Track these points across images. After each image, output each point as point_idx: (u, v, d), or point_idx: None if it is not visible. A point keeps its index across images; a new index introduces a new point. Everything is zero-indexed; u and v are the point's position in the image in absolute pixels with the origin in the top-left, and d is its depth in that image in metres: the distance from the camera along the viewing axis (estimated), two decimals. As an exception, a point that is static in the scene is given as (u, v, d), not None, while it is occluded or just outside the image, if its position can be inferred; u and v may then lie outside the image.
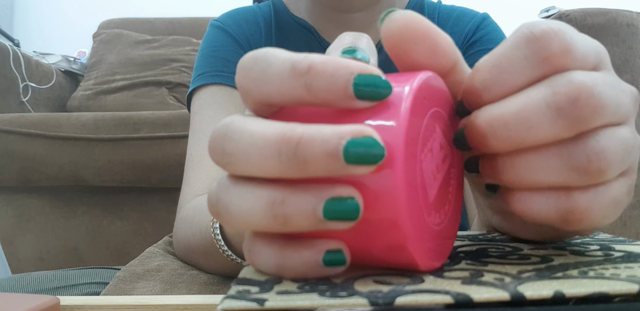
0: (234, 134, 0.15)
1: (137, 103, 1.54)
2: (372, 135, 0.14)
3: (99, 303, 0.24)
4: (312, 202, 0.15)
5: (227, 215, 0.16)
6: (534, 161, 0.16)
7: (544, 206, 0.17)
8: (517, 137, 0.16)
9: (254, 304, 0.14)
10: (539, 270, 0.17)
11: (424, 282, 0.16)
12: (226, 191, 0.16)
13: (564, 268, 0.17)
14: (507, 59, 0.17)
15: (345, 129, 0.14)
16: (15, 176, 1.09)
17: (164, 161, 1.06)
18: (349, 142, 0.14)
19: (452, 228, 0.19)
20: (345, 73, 0.15)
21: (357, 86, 0.15)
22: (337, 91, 0.15)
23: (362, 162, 0.14)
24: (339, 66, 0.15)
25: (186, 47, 1.67)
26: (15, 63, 1.43)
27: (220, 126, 0.16)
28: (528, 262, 0.18)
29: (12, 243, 1.14)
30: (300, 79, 0.15)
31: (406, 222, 0.15)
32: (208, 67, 0.56)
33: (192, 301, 0.24)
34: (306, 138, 0.14)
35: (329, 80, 0.15)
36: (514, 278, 0.16)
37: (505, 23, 0.61)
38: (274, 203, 0.15)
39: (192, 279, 0.42)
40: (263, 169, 0.15)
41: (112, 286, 0.41)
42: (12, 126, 1.08)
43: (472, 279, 0.16)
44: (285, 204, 0.15)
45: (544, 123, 0.16)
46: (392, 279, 0.16)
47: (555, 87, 0.16)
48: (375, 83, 0.15)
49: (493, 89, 0.17)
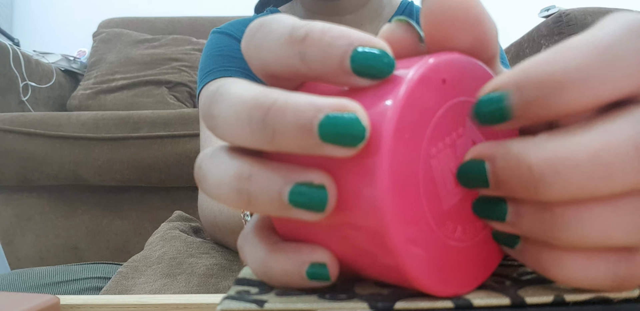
0: (219, 97, 0.14)
1: (137, 102, 1.54)
2: (355, 112, 0.12)
3: (99, 302, 0.24)
4: (279, 183, 0.13)
5: (203, 183, 0.15)
6: (607, 215, 0.12)
7: (600, 273, 0.13)
8: (589, 186, 0.12)
9: (253, 305, 0.14)
10: (539, 273, 0.17)
11: None
12: (208, 158, 0.15)
13: None
14: (615, 51, 0.12)
15: (325, 101, 0.12)
16: (15, 175, 1.09)
17: (163, 160, 1.06)
18: (326, 116, 0.12)
19: (488, 251, 0.15)
20: (343, 44, 0.13)
21: (355, 60, 0.13)
22: (332, 63, 0.13)
23: (339, 142, 0.12)
24: (338, 36, 0.13)
25: (186, 47, 1.67)
26: (15, 62, 1.43)
27: (211, 88, 0.15)
28: None
29: (12, 242, 1.14)
30: (295, 47, 0.14)
31: (392, 231, 0.12)
32: (214, 64, 0.57)
33: (192, 300, 0.24)
34: (278, 105, 0.12)
35: (324, 50, 0.13)
36: (514, 281, 0.16)
37: (505, 23, 0.61)
38: (240, 177, 0.13)
39: (191, 269, 0.42)
40: (235, 136, 0.14)
41: (114, 283, 0.41)
42: (12, 125, 1.08)
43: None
44: (250, 181, 0.13)
45: (628, 170, 0.12)
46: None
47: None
48: (376, 58, 0.13)
49: (588, 85, 0.12)
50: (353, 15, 0.61)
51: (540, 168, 0.12)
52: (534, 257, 0.14)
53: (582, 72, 0.12)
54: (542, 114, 0.12)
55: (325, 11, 0.61)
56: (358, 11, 0.61)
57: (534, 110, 0.12)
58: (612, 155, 0.12)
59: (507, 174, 0.12)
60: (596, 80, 0.12)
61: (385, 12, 0.64)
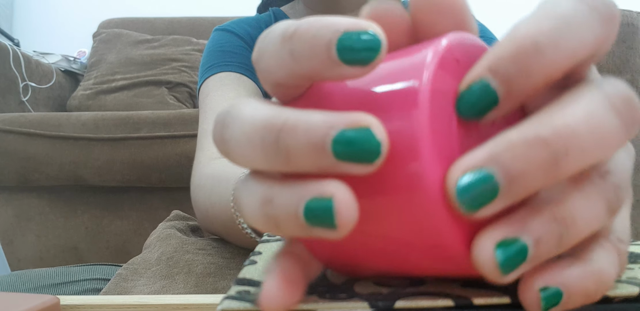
0: (230, 120, 0.13)
1: (137, 103, 1.54)
2: (370, 126, 0.12)
3: (99, 303, 0.24)
4: (294, 201, 0.12)
5: (240, 211, 0.14)
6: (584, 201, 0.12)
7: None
8: (593, 153, 0.12)
9: (253, 305, 0.14)
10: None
11: (424, 284, 0.16)
12: (241, 185, 0.14)
13: None
14: (573, 17, 0.13)
15: (337, 117, 0.12)
16: (15, 176, 1.09)
17: (163, 160, 1.06)
18: (339, 133, 0.11)
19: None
20: (328, 32, 0.12)
21: (343, 47, 0.12)
22: (320, 54, 0.12)
23: (354, 159, 0.11)
24: (322, 25, 0.12)
25: (186, 47, 1.67)
26: (15, 63, 1.43)
27: (222, 111, 0.14)
28: None
29: (12, 242, 1.14)
30: (286, 46, 0.13)
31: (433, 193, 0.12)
32: (215, 60, 0.58)
33: (192, 300, 0.24)
34: (289, 125, 0.12)
35: (310, 42, 0.12)
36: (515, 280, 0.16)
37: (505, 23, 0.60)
38: (264, 202, 0.13)
39: (189, 268, 0.42)
40: (251, 160, 0.13)
41: (113, 284, 0.41)
42: (12, 126, 1.08)
43: (473, 281, 0.16)
44: (273, 204, 0.12)
45: (614, 128, 0.12)
46: (392, 281, 0.16)
47: (605, 86, 0.13)
48: (360, 39, 0.12)
49: (562, 43, 0.12)
50: (355, 14, 0.62)
51: (555, 141, 0.11)
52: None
53: (555, 33, 0.12)
54: (526, 86, 0.12)
55: (327, 10, 0.61)
56: (358, 10, 0.61)
57: (517, 85, 0.12)
58: (599, 119, 0.12)
59: (526, 157, 0.11)
60: (567, 40, 0.12)
61: None
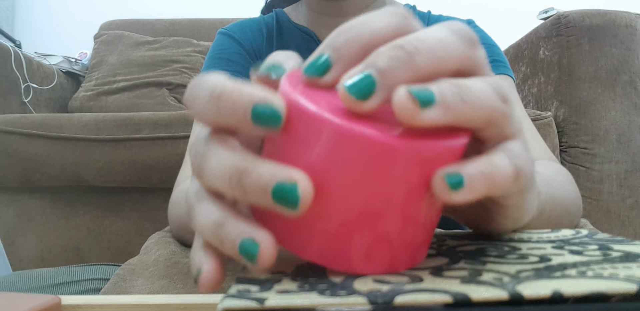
0: (209, 155, 0.18)
1: (138, 104, 1.54)
2: (297, 182, 0.16)
3: (100, 303, 0.24)
4: (235, 235, 0.17)
5: (191, 220, 0.19)
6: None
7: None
8: (438, 54, 0.17)
9: (254, 303, 0.14)
10: (537, 270, 0.17)
11: (423, 281, 0.16)
12: (193, 196, 0.19)
13: (562, 268, 0.17)
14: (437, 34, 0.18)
15: (279, 172, 0.16)
16: (17, 177, 1.09)
17: (164, 161, 1.07)
18: (276, 184, 0.16)
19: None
20: (245, 101, 0.17)
21: (256, 114, 0.17)
22: (239, 116, 0.17)
23: (284, 204, 0.16)
24: (242, 94, 0.17)
25: (187, 49, 1.68)
26: (17, 64, 1.43)
27: (199, 145, 0.19)
28: (526, 262, 0.18)
29: (14, 242, 1.14)
30: (213, 102, 0.17)
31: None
32: (212, 67, 0.61)
33: (192, 300, 0.24)
34: (248, 172, 0.17)
35: (232, 106, 0.17)
36: (512, 277, 0.16)
37: (504, 25, 0.61)
38: (217, 224, 0.18)
39: (187, 269, 0.43)
40: (219, 187, 0.18)
41: (112, 285, 0.42)
42: (14, 127, 1.08)
43: (471, 278, 0.16)
44: (223, 229, 0.18)
45: (455, 43, 0.18)
46: (391, 278, 0.17)
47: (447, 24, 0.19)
48: (270, 113, 0.17)
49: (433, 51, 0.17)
50: (357, 17, 0.61)
51: (408, 44, 0.17)
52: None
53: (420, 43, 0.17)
54: (404, 77, 0.16)
55: (330, 12, 0.62)
56: (362, 12, 0.61)
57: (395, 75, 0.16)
58: (440, 33, 0.18)
59: (389, 57, 0.17)
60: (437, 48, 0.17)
61: None
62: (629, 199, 0.93)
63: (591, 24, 0.93)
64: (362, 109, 0.16)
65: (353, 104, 0.16)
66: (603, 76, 0.93)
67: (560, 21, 0.97)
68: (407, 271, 0.18)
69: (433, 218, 0.19)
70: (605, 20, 0.93)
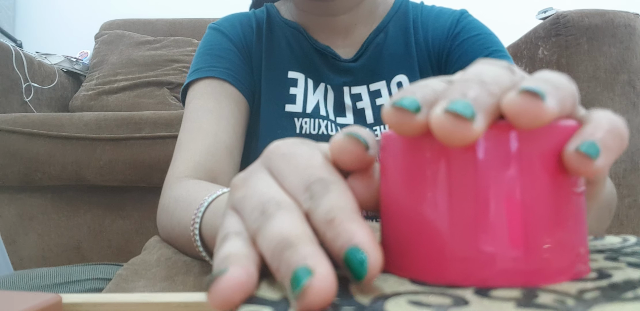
0: (267, 222, 0.17)
1: (139, 103, 1.55)
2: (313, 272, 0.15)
3: (101, 301, 0.24)
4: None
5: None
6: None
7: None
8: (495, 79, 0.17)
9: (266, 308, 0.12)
10: (602, 289, 0.14)
11: (468, 304, 0.13)
12: (221, 240, 0.19)
13: (632, 287, 0.15)
14: (491, 67, 0.18)
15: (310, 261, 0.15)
16: (18, 176, 1.10)
17: (165, 160, 1.07)
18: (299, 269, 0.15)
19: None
20: (345, 239, 0.16)
21: (347, 257, 0.16)
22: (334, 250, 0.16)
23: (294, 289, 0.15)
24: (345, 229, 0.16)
25: (187, 48, 1.68)
26: (18, 64, 1.43)
27: (268, 199, 0.18)
28: (585, 278, 0.16)
29: (15, 241, 1.15)
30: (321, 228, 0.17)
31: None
32: (202, 63, 0.59)
33: (193, 298, 0.24)
34: (292, 248, 0.16)
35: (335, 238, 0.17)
36: (576, 299, 0.13)
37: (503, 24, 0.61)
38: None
39: (187, 269, 0.43)
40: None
41: (114, 285, 0.42)
42: (15, 126, 1.09)
43: (527, 301, 0.13)
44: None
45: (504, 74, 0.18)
46: (430, 299, 0.14)
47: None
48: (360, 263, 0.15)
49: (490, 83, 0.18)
50: (347, 16, 0.61)
51: (474, 77, 0.17)
52: None
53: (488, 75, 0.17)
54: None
55: (319, 12, 0.61)
56: (352, 11, 0.61)
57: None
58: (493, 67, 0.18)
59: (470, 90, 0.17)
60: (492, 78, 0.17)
61: (379, 10, 0.63)
62: (627, 198, 0.93)
63: (590, 24, 0.94)
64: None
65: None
66: (602, 76, 0.94)
67: (559, 21, 0.97)
68: (447, 289, 0.15)
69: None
70: (604, 20, 0.93)
